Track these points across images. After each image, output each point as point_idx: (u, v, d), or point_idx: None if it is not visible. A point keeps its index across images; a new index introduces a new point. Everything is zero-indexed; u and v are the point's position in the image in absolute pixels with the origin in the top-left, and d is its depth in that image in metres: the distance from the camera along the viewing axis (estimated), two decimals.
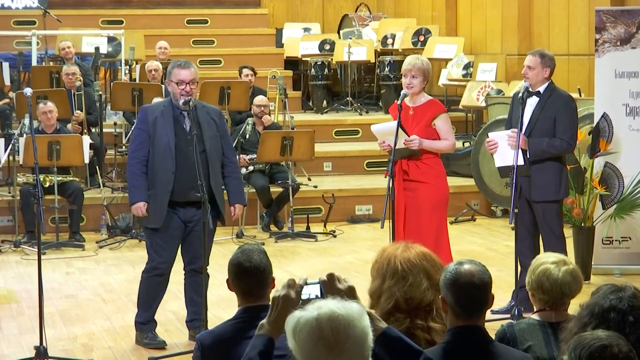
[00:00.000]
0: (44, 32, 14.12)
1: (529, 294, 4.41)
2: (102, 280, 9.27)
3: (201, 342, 3.99)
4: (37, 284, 6.65)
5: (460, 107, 13.42)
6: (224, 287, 4.14)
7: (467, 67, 13.70)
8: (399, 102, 7.44)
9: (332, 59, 14.91)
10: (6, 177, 11.66)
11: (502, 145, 7.57)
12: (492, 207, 11.99)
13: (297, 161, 11.67)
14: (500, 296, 5.26)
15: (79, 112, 11.86)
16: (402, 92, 7.56)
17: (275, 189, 11.26)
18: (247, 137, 11.45)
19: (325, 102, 14.77)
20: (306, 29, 16.14)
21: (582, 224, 8.99)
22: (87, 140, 10.89)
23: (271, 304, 3.23)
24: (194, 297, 7.20)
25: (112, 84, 13.07)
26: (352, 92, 14.88)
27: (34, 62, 13.45)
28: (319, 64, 14.74)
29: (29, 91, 7.10)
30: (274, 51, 15.86)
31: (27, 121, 10.85)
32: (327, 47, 15.09)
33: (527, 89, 7.62)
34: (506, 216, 11.19)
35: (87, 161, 10.91)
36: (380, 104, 14.83)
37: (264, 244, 9.57)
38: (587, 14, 12.26)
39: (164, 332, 7.41)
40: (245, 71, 12.84)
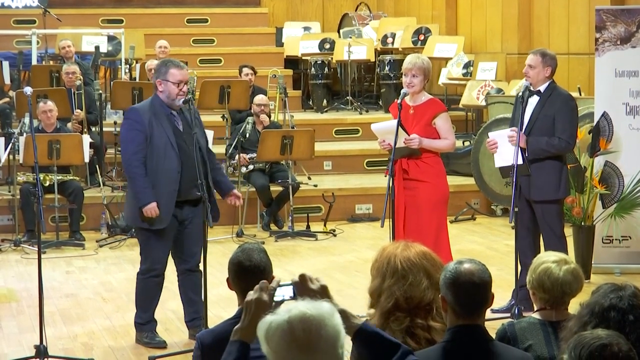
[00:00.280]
0: (44, 31, 14.12)
1: (529, 293, 4.41)
2: (102, 279, 9.27)
3: (201, 341, 3.99)
4: (37, 282, 6.65)
5: (460, 106, 13.42)
6: (224, 286, 4.14)
7: (467, 66, 13.69)
8: (399, 101, 7.44)
9: (332, 58, 14.90)
10: (6, 176, 11.65)
11: (502, 144, 7.57)
12: (492, 206, 11.98)
13: (297, 160, 11.67)
14: (500, 295, 5.26)
15: (79, 111, 11.85)
16: (402, 91, 7.56)
17: (275, 188, 11.25)
18: (247, 136, 11.44)
19: (325, 101, 14.77)
20: (306, 28, 16.13)
21: (582, 223, 8.99)
22: (87, 139, 10.88)
23: (244, 308, 3.21)
24: (192, 297, 7.20)
25: (112, 83, 13.06)
26: (352, 91, 14.87)
27: (34, 61, 13.44)
28: (319, 63, 14.73)
29: (29, 90, 7.09)
30: (274, 50, 15.86)
31: (27, 120, 10.84)
32: (327, 46, 15.08)
33: (528, 87, 7.61)
34: (506, 215, 11.19)
35: (87, 160, 10.91)
36: (380, 103, 14.81)
37: (264, 243, 9.50)
38: (587, 13, 12.25)
39: (164, 331, 7.41)
40: (245, 70, 12.83)
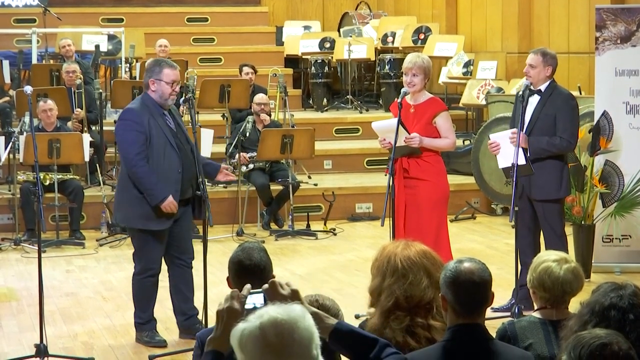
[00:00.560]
0: (44, 30, 14.12)
1: (530, 292, 4.42)
2: (102, 278, 9.27)
3: (201, 340, 3.98)
4: (37, 281, 6.66)
5: (460, 105, 13.41)
6: (224, 285, 4.14)
7: (467, 65, 13.69)
8: (399, 100, 7.44)
9: (332, 57, 14.90)
10: (6, 175, 11.66)
11: (504, 145, 7.55)
12: (492, 205, 11.98)
13: (297, 159, 11.67)
14: (500, 294, 5.26)
15: (79, 110, 11.85)
16: (402, 90, 7.56)
17: (275, 187, 11.25)
18: (247, 135, 11.43)
19: (325, 100, 14.77)
20: (306, 27, 16.12)
21: (582, 222, 8.99)
22: (87, 138, 10.88)
23: (216, 318, 3.21)
24: (187, 294, 7.22)
25: (112, 82, 13.07)
26: (353, 90, 14.87)
27: (34, 60, 13.44)
28: (319, 62, 14.73)
29: (29, 89, 7.09)
30: (274, 49, 15.85)
31: (27, 119, 10.84)
32: (328, 45, 15.08)
33: (528, 87, 7.61)
34: (506, 214, 11.18)
35: (87, 159, 10.91)
36: (380, 102, 14.81)
37: (264, 242, 9.58)
38: (588, 12, 12.24)
39: (164, 330, 7.41)
40: (245, 69, 12.83)
